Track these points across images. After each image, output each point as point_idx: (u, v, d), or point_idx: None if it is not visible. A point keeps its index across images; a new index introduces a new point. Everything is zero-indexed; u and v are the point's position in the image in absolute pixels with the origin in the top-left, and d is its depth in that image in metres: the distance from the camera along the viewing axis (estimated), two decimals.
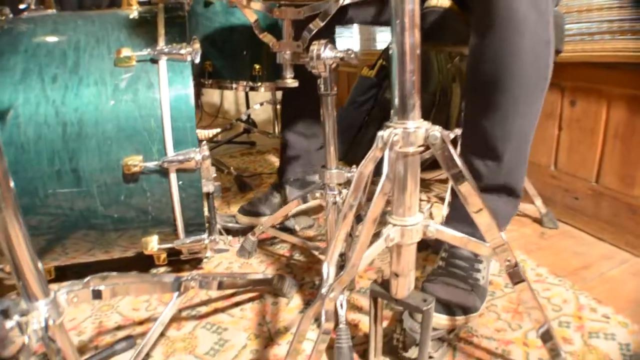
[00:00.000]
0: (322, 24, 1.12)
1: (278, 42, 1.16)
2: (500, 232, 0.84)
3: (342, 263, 1.12)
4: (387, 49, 2.29)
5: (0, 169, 0.64)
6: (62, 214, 1.14)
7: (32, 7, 1.43)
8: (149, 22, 1.22)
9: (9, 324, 0.69)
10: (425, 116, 0.78)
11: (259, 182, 2.31)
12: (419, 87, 0.77)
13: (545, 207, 1.77)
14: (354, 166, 1.22)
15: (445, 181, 2.12)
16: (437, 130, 0.77)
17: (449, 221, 1.32)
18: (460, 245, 0.88)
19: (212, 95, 3.66)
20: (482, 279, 1.25)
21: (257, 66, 1.73)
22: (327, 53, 1.08)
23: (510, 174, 1.25)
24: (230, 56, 1.76)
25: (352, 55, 1.08)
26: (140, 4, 1.33)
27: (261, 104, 2.88)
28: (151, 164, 1.10)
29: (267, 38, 1.17)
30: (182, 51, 1.13)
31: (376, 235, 0.82)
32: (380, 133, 0.77)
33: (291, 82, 1.16)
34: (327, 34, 1.19)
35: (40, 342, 0.72)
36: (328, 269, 0.79)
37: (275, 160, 2.70)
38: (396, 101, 0.77)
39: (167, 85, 1.12)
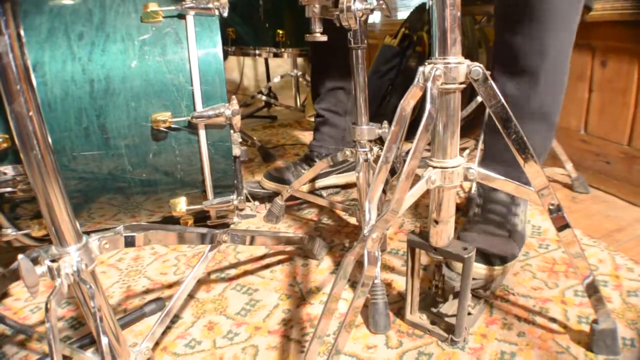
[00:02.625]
0: None
1: None
2: (543, 173, 0.82)
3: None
4: (409, 18, 2.26)
5: (30, 98, 0.63)
6: (90, 176, 1.14)
7: None
8: None
9: (39, 269, 0.69)
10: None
11: (282, 153, 2.30)
12: (459, 22, 0.75)
13: (575, 171, 1.74)
14: (385, 122, 1.20)
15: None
16: (478, 67, 0.75)
17: (483, 162, 1.28)
18: (502, 188, 0.86)
19: (231, 72, 3.64)
20: (520, 222, 1.23)
21: (280, 32, 1.71)
22: (357, 5, 1.05)
23: (546, 98, 1.18)
24: (253, 22, 1.74)
25: (384, 6, 1.06)
26: None
27: (282, 77, 2.85)
28: (180, 119, 1.09)
29: None
30: (210, 5, 1.11)
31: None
32: (421, 68, 0.75)
33: (320, 36, 1.14)
34: None
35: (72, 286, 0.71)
36: (369, 209, 0.77)
37: (297, 133, 2.70)
38: (437, 36, 0.75)
39: (195, 40, 1.10)
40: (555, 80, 1.16)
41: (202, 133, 1.11)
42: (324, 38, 1.14)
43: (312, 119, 1.93)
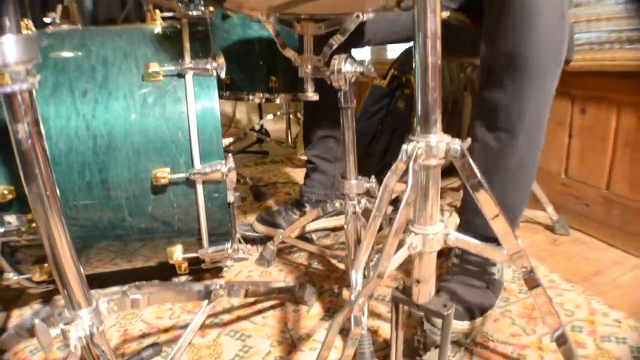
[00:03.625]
0: (342, 39, 1.17)
1: (299, 56, 1.22)
2: (516, 239, 0.89)
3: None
4: (398, 59, 2.34)
5: (47, 179, 0.70)
6: (90, 225, 1.20)
7: (57, 21, 1.50)
8: (174, 37, 1.28)
9: (53, 332, 0.75)
10: None
11: (274, 191, 2.37)
12: (440, 103, 0.83)
13: (556, 214, 1.82)
14: (373, 177, 1.27)
15: (457, 189, 2.17)
16: (457, 144, 0.83)
17: (464, 213, 1.34)
18: (478, 252, 0.93)
19: (224, 105, 3.72)
20: (497, 272, 1.30)
21: (273, 78, 1.79)
22: (347, 67, 1.13)
23: (524, 154, 1.25)
24: (247, 68, 1.82)
25: (372, 70, 1.14)
26: (163, 19, 1.39)
27: (274, 115, 2.93)
28: (179, 176, 1.16)
29: (289, 53, 1.23)
30: (208, 66, 1.19)
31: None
32: (404, 147, 0.82)
33: (312, 95, 1.22)
34: (345, 49, 1.24)
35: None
36: (356, 276, 0.84)
37: (289, 170, 2.76)
38: (419, 116, 0.82)
39: (194, 99, 1.18)
40: (533, 139, 1.23)
41: (199, 187, 1.18)
42: (316, 97, 1.22)
43: (303, 157, 2.00)
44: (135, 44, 1.25)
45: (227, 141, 3.05)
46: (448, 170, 0.87)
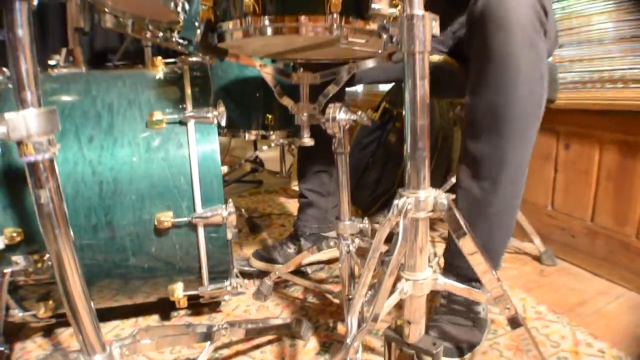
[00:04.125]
0: (337, 89, 1.25)
1: (296, 104, 1.29)
2: (499, 281, 0.97)
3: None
4: (389, 92, 2.42)
5: (66, 239, 0.77)
6: (94, 264, 1.26)
7: (62, 64, 1.56)
8: (176, 84, 1.35)
9: None
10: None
11: (269, 223, 2.43)
12: (429, 161, 0.90)
13: (543, 245, 1.90)
14: (366, 218, 1.34)
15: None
16: (444, 198, 0.90)
17: (447, 271, 1.41)
18: (464, 295, 1.00)
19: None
20: (482, 310, 1.37)
21: (269, 116, 1.87)
22: (341, 115, 1.20)
23: (505, 201, 1.32)
24: (244, 106, 1.90)
25: (365, 118, 1.21)
26: (165, 64, 1.46)
27: (269, 146, 3.00)
28: (181, 220, 1.23)
29: (286, 101, 1.30)
30: (209, 115, 1.26)
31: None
32: (395, 202, 0.89)
33: (308, 141, 1.29)
34: (338, 92, 1.31)
35: None
36: (351, 322, 0.91)
37: (283, 200, 2.83)
38: (409, 173, 0.89)
39: (196, 146, 1.25)
40: (515, 187, 1.31)
41: (200, 230, 1.25)
42: (312, 143, 1.29)
43: (297, 188, 2.07)
44: (138, 91, 1.32)
45: (223, 169, 3.11)
46: None
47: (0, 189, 1.17)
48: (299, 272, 1.77)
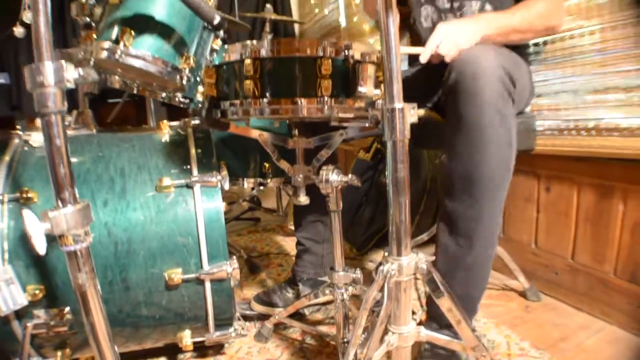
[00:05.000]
0: (329, 152, 1.40)
1: (292, 167, 1.44)
2: (474, 332, 1.11)
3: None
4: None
5: (101, 314, 0.91)
6: (109, 315, 1.39)
7: (72, 125, 1.71)
8: (181, 146, 1.50)
9: None
10: (417, 204, 1.05)
11: (267, 263, 2.56)
12: (410, 232, 1.05)
13: (528, 282, 2.04)
14: (358, 269, 1.49)
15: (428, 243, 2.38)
16: (424, 263, 1.05)
17: (430, 319, 1.54)
18: (444, 345, 1.15)
19: None
20: (464, 355, 1.51)
21: (266, 164, 2.02)
22: (334, 177, 1.35)
23: (480, 256, 1.46)
24: (243, 156, 2.05)
25: (355, 180, 1.36)
26: (170, 126, 1.60)
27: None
28: (190, 276, 1.37)
29: (283, 164, 1.45)
30: (213, 179, 1.41)
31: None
32: (380, 267, 1.04)
33: (304, 200, 1.44)
34: (332, 157, 1.46)
35: None
36: None
37: (280, 239, 2.97)
38: (393, 242, 1.04)
39: (202, 208, 1.39)
40: (488, 242, 1.46)
41: (207, 284, 1.39)
42: (307, 202, 1.44)
43: (293, 227, 2.21)
44: (147, 155, 1.47)
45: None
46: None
47: (23, 250, 1.31)
48: (297, 313, 1.91)
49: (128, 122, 2.53)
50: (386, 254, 1.07)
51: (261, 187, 2.10)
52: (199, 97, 1.60)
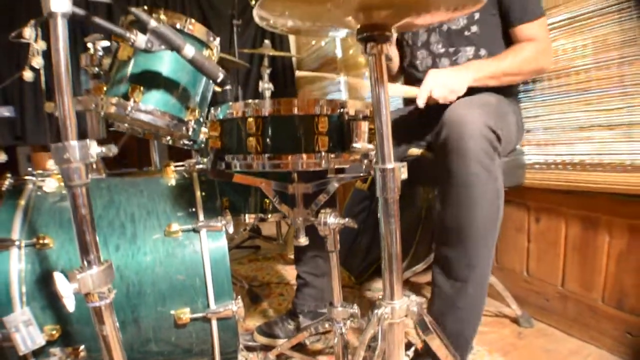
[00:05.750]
0: (327, 197, 1.51)
1: (292, 210, 1.55)
2: None
3: None
4: None
5: (121, 353, 1.02)
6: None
7: None
8: (187, 191, 1.61)
9: None
10: (412, 233, 1.16)
11: (268, 293, 2.66)
12: (402, 277, 1.16)
13: (520, 309, 2.15)
14: (356, 305, 1.60)
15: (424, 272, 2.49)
16: (415, 306, 1.16)
17: (424, 353, 1.62)
18: None
19: None
20: None
21: (267, 201, 2.14)
22: (331, 220, 1.46)
23: (474, 298, 1.58)
24: (244, 193, 2.16)
25: (352, 223, 1.47)
26: (176, 171, 1.71)
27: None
28: (197, 315, 1.47)
29: (284, 208, 1.56)
30: (218, 223, 1.52)
31: None
32: (375, 311, 1.16)
33: (304, 241, 1.55)
34: (330, 200, 1.57)
35: None
36: None
37: (280, 268, 3.08)
38: (386, 288, 1.16)
39: (208, 251, 1.50)
40: (481, 285, 1.58)
41: (214, 322, 1.50)
42: (307, 243, 1.55)
43: (292, 256, 2.31)
44: (155, 201, 1.58)
45: None
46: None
47: (40, 292, 1.41)
48: (298, 343, 2.00)
49: (131, 153, 2.64)
50: (380, 296, 1.19)
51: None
52: (202, 137, 1.72)
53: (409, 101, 2.08)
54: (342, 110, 1.27)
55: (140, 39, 1.28)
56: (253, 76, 4.37)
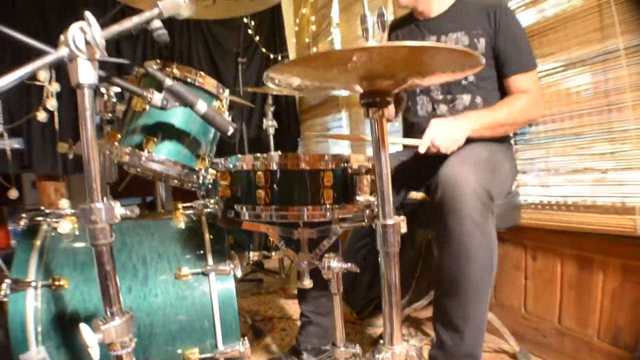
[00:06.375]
0: (331, 242, 1.60)
1: (297, 254, 1.64)
2: None
3: None
4: None
5: None
6: None
7: None
8: (197, 236, 1.70)
9: None
10: (412, 269, 1.24)
11: (270, 327, 2.73)
12: (401, 322, 1.25)
13: (518, 345, 2.22)
14: (357, 345, 1.68)
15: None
16: (414, 351, 1.25)
17: None
18: None
19: None
20: None
21: (270, 239, 2.23)
22: (335, 264, 1.55)
23: (471, 348, 1.68)
24: (249, 231, 2.25)
25: (354, 267, 1.56)
26: (185, 214, 1.80)
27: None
28: (206, 356, 1.55)
29: (289, 253, 1.65)
30: (226, 267, 1.60)
31: None
32: (376, 355, 1.24)
33: (308, 284, 1.63)
34: (334, 245, 1.65)
35: None
36: None
37: (283, 302, 3.14)
38: (386, 334, 1.24)
39: (217, 294, 1.58)
40: (478, 337, 1.69)
41: None
42: (311, 285, 1.63)
43: (295, 291, 2.38)
44: (166, 244, 1.66)
45: None
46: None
47: (55, 332, 1.49)
48: None
49: (137, 187, 2.72)
50: (381, 342, 1.27)
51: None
52: (209, 179, 1.81)
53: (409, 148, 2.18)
54: (345, 165, 1.37)
55: (157, 98, 1.37)
56: (256, 113, 4.52)
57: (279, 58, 4.66)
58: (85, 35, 0.99)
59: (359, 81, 1.16)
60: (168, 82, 1.38)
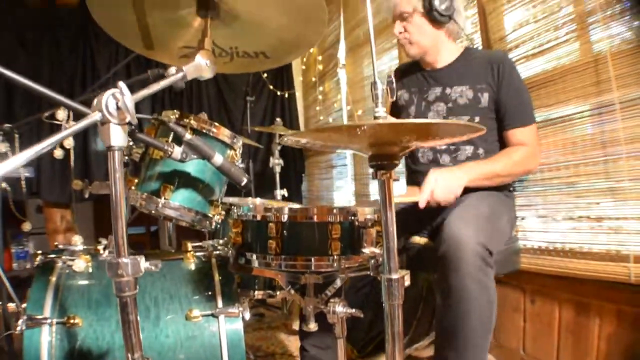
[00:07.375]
0: (336, 288, 1.68)
1: (304, 299, 1.73)
2: None
3: None
4: None
5: None
6: None
7: (109, 249, 1.98)
8: (207, 278, 1.79)
9: None
10: (414, 310, 1.31)
11: None
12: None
13: None
14: None
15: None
16: None
17: None
18: None
19: None
20: None
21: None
22: (339, 309, 1.64)
23: None
24: None
25: (358, 313, 1.65)
26: (195, 255, 1.89)
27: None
28: None
29: (295, 297, 1.73)
30: (235, 310, 1.69)
31: None
32: None
33: (313, 327, 1.72)
34: (339, 290, 1.74)
35: None
36: None
37: (284, 338, 3.21)
38: None
39: (225, 335, 1.67)
40: None
41: None
42: (316, 328, 1.72)
43: (296, 327, 2.45)
44: (177, 285, 1.75)
45: None
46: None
47: None
48: None
49: (142, 215, 2.82)
50: None
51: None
52: (217, 219, 1.90)
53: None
54: (353, 217, 1.46)
55: (177, 151, 1.48)
56: (262, 150, 4.62)
57: (286, 95, 4.79)
58: (117, 102, 1.09)
59: (367, 147, 1.26)
60: (187, 136, 1.49)
